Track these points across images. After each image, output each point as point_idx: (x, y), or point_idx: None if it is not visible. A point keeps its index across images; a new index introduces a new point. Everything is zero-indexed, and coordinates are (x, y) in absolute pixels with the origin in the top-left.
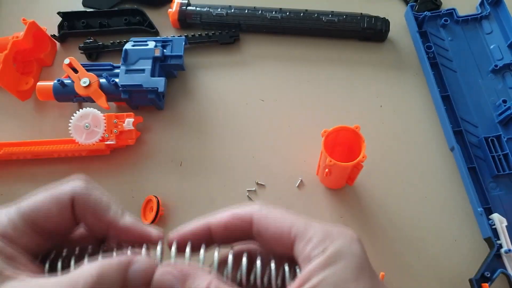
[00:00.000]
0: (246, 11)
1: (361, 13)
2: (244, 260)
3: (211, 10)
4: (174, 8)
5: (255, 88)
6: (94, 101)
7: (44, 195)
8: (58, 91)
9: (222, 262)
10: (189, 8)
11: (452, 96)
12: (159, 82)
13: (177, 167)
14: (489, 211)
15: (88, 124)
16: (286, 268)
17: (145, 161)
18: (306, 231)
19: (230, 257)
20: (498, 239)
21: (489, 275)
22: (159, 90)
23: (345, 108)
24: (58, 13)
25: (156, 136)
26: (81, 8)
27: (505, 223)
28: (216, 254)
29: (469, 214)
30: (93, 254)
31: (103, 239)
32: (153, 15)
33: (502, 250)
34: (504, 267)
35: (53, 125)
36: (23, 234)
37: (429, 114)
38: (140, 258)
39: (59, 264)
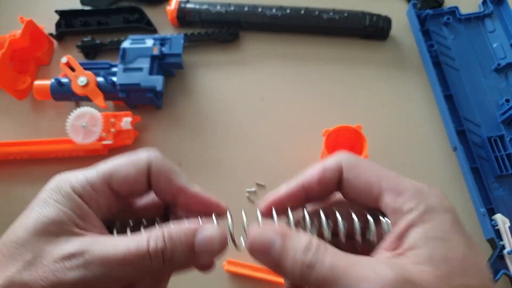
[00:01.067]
0: (245, 8)
1: (363, 11)
2: (323, 215)
3: (210, 8)
4: (172, 5)
5: (255, 87)
6: (91, 100)
7: (123, 159)
8: (56, 90)
9: (297, 222)
10: (188, 5)
11: (454, 95)
12: (157, 81)
13: None
14: (492, 212)
15: (85, 124)
16: (371, 219)
17: None
18: (397, 184)
19: (307, 215)
20: (501, 240)
21: (491, 276)
22: (157, 89)
23: (346, 107)
24: (56, 11)
25: (154, 135)
26: (79, 6)
27: (508, 223)
28: (289, 213)
29: (471, 215)
30: (160, 224)
31: (167, 211)
32: (152, 13)
33: (505, 251)
34: (507, 268)
35: (50, 125)
36: (99, 193)
37: (431, 113)
38: (209, 226)
39: (128, 229)
